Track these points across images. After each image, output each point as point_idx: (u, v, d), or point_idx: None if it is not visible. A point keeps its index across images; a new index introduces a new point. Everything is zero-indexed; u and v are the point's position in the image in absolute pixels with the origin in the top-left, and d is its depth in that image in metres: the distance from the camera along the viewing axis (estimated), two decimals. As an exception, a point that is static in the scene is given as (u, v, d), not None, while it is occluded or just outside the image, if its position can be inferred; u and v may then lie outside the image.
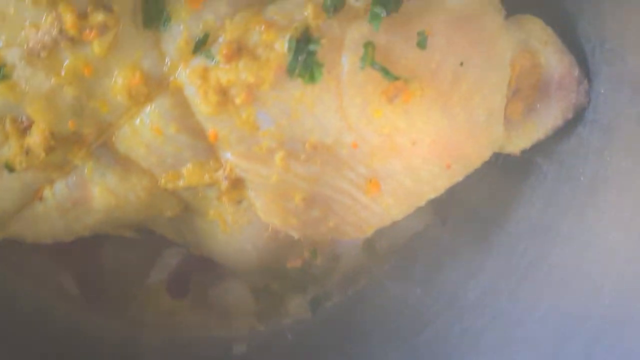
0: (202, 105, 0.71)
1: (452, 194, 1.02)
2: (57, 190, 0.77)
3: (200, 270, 1.14)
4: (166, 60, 0.72)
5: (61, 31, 0.67)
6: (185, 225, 0.89)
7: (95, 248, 1.12)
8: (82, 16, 0.67)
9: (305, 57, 0.71)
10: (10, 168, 0.74)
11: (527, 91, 0.80)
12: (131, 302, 1.13)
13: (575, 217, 0.81)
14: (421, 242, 1.09)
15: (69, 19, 0.67)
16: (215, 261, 1.03)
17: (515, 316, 0.85)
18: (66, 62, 0.70)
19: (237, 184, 0.77)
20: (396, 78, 0.73)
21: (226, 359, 1.09)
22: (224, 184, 0.76)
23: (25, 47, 0.69)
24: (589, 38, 0.82)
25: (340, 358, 1.03)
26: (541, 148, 0.86)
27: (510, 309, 0.86)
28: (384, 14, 0.72)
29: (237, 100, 0.71)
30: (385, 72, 0.72)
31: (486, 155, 0.81)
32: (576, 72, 0.80)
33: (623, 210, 0.75)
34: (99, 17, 0.67)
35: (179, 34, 0.71)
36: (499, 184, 0.96)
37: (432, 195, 0.84)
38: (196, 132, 0.74)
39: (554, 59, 0.81)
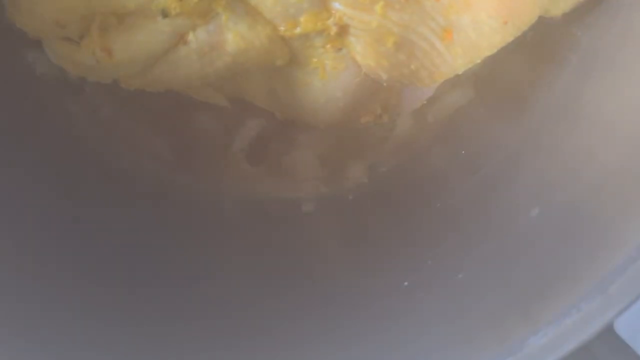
0: (321, -43, 0.89)
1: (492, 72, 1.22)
2: (199, 35, 0.94)
3: (276, 141, 1.32)
4: None
5: None
6: (283, 80, 1.07)
7: (188, 118, 1.29)
8: None
9: None
10: (165, 13, 0.90)
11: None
12: (215, 167, 1.28)
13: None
14: (463, 115, 1.28)
15: None
16: (299, 120, 1.21)
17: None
18: None
19: (342, 31, 0.95)
20: None
21: (296, 215, 1.23)
22: (333, 30, 0.94)
23: None
24: None
25: (396, 210, 1.19)
26: (577, 19, 1.03)
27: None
28: None
29: (350, -47, 0.88)
30: None
31: (535, 14, 1.00)
32: None
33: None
34: None
35: None
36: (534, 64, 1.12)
37: (487, 53, 1.03)
38: (314, -15, 0.92)
39: None
